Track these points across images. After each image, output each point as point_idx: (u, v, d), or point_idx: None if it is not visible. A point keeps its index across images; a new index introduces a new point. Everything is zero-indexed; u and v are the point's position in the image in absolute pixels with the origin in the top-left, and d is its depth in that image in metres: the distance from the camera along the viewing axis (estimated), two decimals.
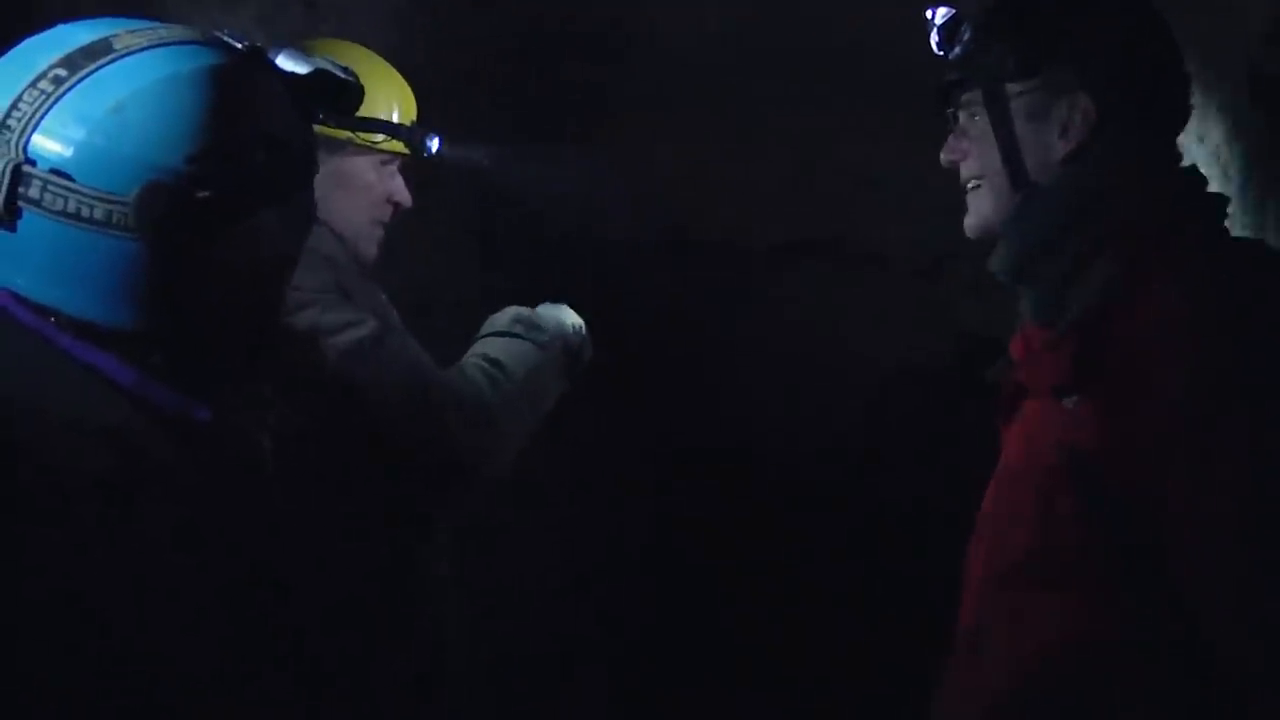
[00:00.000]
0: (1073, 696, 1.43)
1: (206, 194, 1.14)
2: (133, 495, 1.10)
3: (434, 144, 2.14)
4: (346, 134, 2.04)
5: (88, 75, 1.13)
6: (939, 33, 1.58)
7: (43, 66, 1.14)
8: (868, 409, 3.53)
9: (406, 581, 1.96)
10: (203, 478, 1.17)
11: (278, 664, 1.18)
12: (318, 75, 1.28)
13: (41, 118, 1.12)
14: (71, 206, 1.12)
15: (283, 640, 1.19)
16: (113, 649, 1.06)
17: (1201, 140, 2.27)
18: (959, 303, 3.35)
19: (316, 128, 1.96)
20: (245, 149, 1.17)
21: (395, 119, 2.10)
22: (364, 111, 2.03)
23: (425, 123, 2.15)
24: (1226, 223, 1.56)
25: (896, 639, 2.73)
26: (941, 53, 1.58)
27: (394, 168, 2.13)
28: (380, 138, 2.08)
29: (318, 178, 2.02)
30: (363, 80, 2.06)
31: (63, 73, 1.13)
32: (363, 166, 2.10)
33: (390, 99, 2.12)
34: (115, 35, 1.17)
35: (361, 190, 2.09)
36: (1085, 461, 1.41)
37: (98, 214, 1.12)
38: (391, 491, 1.91)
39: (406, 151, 2.12)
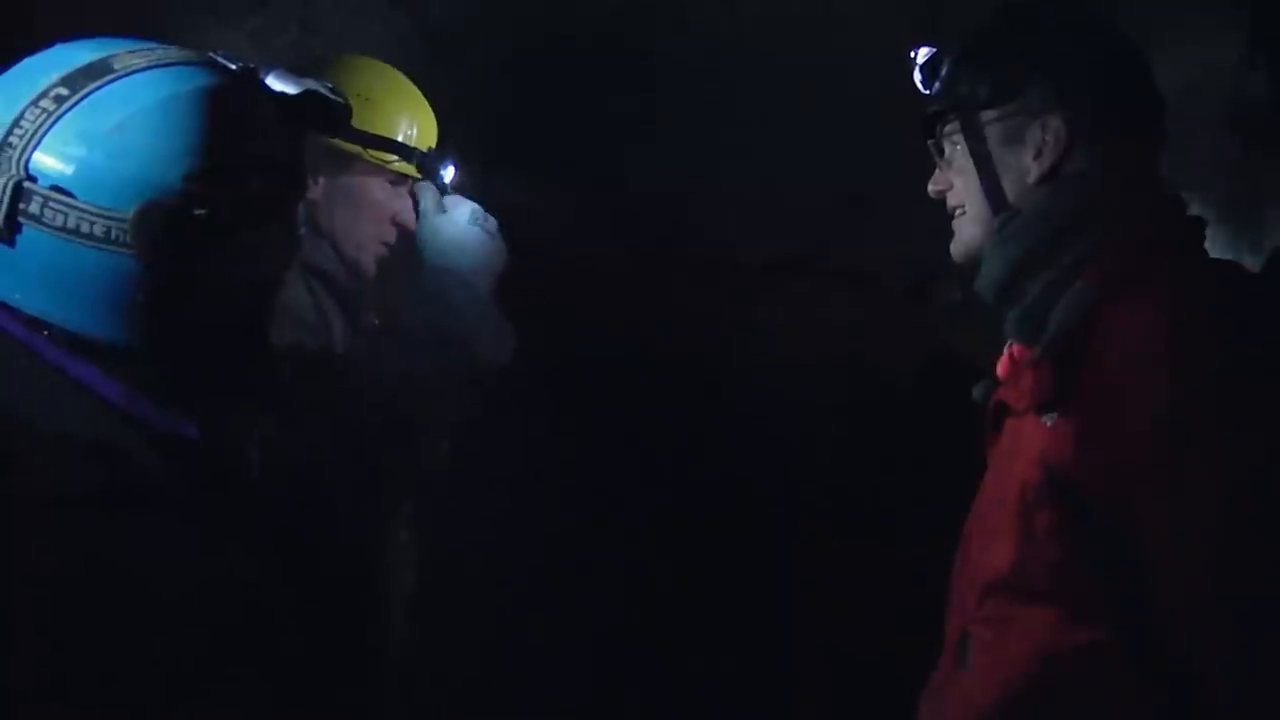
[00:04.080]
0: (1053, 708, 1.45)
1: (203, 212, 1.16)
2: (120, 509, 1.12)
3: (448, 173, 2.14)
4: (358, 150, 2.05)
5: (89, 94, 1.15)
6: (921, 70, 1.62)
7: (44, 85, 1.16)
8: (856, 424, 3.54)
9: (374, 575, 1.95)
10: (190, 492, 1.18)
11: (261, 674, 1.18)
12: (307, 96, 1.29)
13: (43, 135, 1.14)
14: (71, 223, 1.14)
15: (266, 651, 1.20)
16: (100, 658, 1.07)
17: (1183, 164, 2.29)
18: (945, 321, 3.38)
19: (332, 142, 2.00)
20: (241, 169, 1.19)
21: (412, 142, 2.11)
22: (380, 129, 2.06)
23: (443, 152, 2.14)
24: (1206, 245, 1.59)
25: (881, 650, 2.74)
26: (926, 90, 1.62)
27: (404, 189, 2.13)
28: (393, 158, 2.09)
29: (328, 191, 2.05)
30: (384, 99, 2.10)
31: (64, 92, 1.15)
32: (371, 184, 2.10)
33: (411, 122, 2.12)
34: (115, 56, 1.19)
35: (368, 208, 2.09)
36: (1063, 478, 1.43)
37: (97, 230, 1.14)
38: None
39: (419, 176, 2.13)
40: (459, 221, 2.00)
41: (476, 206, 2.01)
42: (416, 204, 2.13)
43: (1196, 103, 2.20)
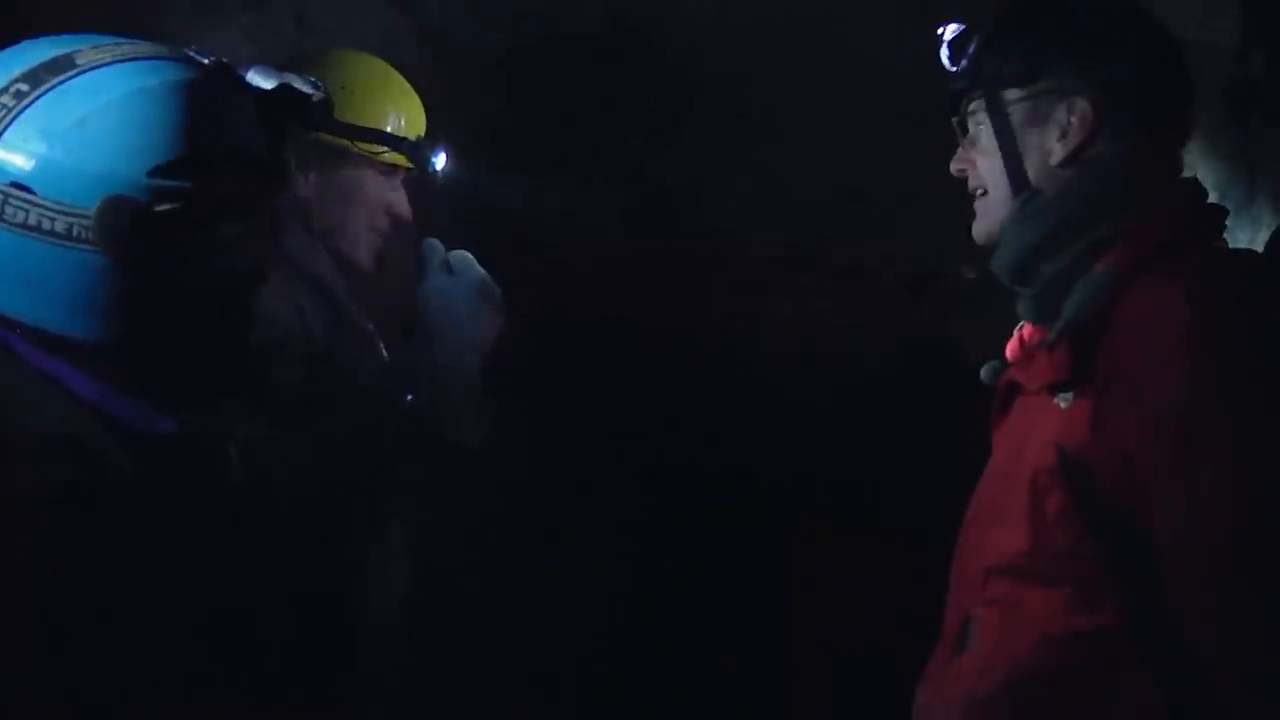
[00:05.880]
0: (1057, 692, 1.44)
1: (168, 208, 1.14)
2: (92, 505, 1.10)
3: (438, 160, 2.13)
4: (345, 142, 2.04)
5: (50, 89, 1.14)
6: (949, 48, 1.61)
7: (4, 81, 1.15)
8: (855, 418, 3.54)
9: (359, 575, 1.93)
10: (163, 489, 1.17)
11: (237, 675, 1.17)
12: (283, 90, 1.28)
13: (2, 132, 1.13)
14: (32, 219, 1.12)
15: (242, 651, 1.18)
16: (72, 655, 1.06)
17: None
18: (944, 317, 3.38)
19: (321, 136, 1.99)
20: (208, 163, 1.17)
21: (401, 132, 2.10)
22: (368, 121, 2.06)
23: (432, 140, 2.14)
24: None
25: (883, 646, 2.74)
26: (953, 67, 1.61)
27: (396, 181, 2.12)
28: (382, 149, 2.08)
29: (320, 187, 2.05)
30: (370, 90, 2.10)
31: (24, 87, 1.14)
32: (363, 177, 2.09)
33: (399, 112, 2.11)
34: (79, 51, 1.17)
35: (359, 200, 2.09)
36: (1076, 461, 1.42)
37: (58, 227, 1.13)
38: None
39: (409, 165, 2.12)
40: (464, 289, 1.92)
41: (484, 276, 1.93)
42: (411, 196, 2.13)
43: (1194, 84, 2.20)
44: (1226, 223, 1.59)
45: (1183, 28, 2.23)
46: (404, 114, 2.12)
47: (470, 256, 1.93)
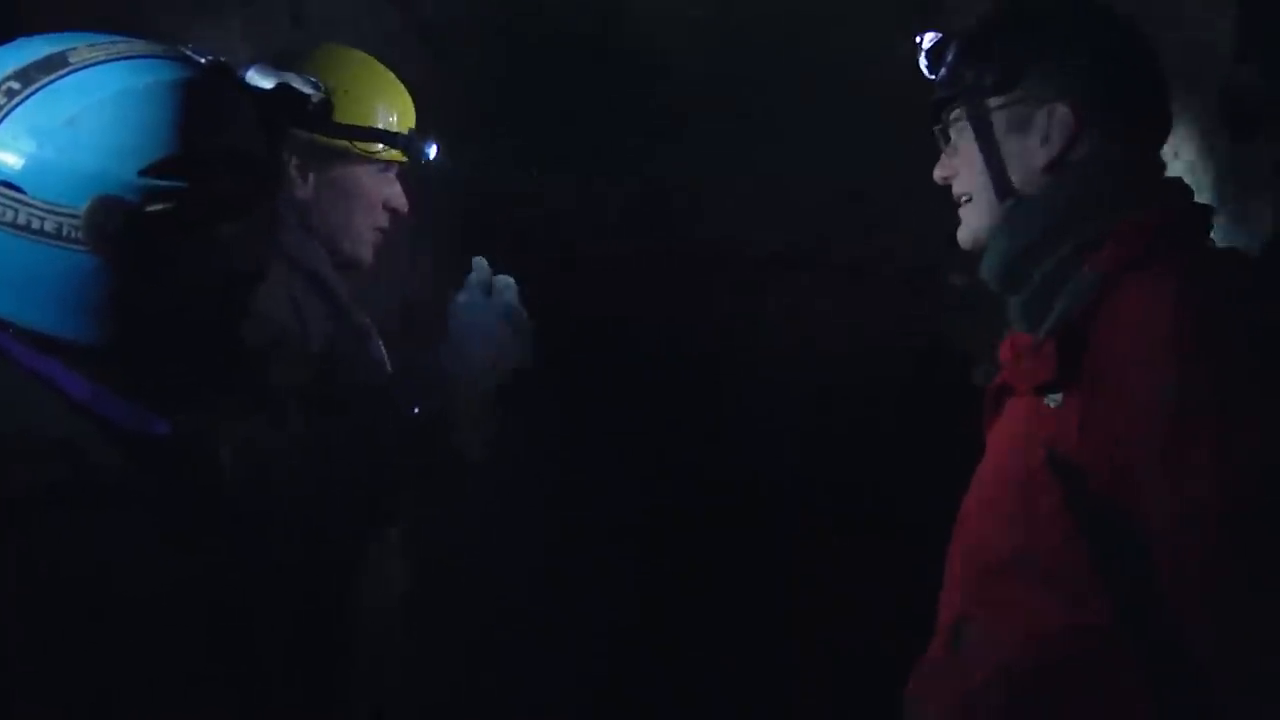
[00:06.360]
0: (1050, 691, 1.43)
1: (160, 208, 1.13)
2: (84, 506, 1.10)
3: (431, 151, 2.14)
4: (343, 143, 2.04)
5: (41, 88, 1.13)
6: (927, 56, 1.61)
7: None
8: (855, 416, 3.54)
9: (356, 573, 1.92)
10: (157, 490, 1.16)
11: (232, 671, 1.17)
12: (282, 89, 1.26)
13: None
14: (22, 219, 1.11)
15: (233, 651, 1.18)
16: (65, 655, 1.06)
17: (1176, 156, 2.28)
18: (944, 314, 3.37)
19: (316, 137, 1.99)
20: (202, 163, 1.16)
21: (393, 127, 2.11)
22: (362, 120, 2.06)
23: (423, 131, 2.15)
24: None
25: (882, 646, 2.74)
26: (931, 75, 1.61)
27: (391, 175, 2.13)
28: (378, 146, 2.08)
29: (318, 187, 2.05)
30: (362, 88, 2.10)
31: (16, 85, 1.13)
32: (360, 174, 2.09)
33: (390, 107, 2.11)
34: (73, 49, 1.16)
35: (359, 197, 2.09)
36: (1067, 460, 1.42)
37: (48, 227, 1.11)
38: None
39: (404, 159, 2.12)
40: (495, 312, 1.91)
41: (517, 305, 1.93)
42: (406, 187, 2.13)
43: (1187, 95, 2.20)
44: (1214, 221, 1.59)
45: (1181, 28, 2.24)
46: (395, 108, 2.12)
47: (513, 283, 1.93)
